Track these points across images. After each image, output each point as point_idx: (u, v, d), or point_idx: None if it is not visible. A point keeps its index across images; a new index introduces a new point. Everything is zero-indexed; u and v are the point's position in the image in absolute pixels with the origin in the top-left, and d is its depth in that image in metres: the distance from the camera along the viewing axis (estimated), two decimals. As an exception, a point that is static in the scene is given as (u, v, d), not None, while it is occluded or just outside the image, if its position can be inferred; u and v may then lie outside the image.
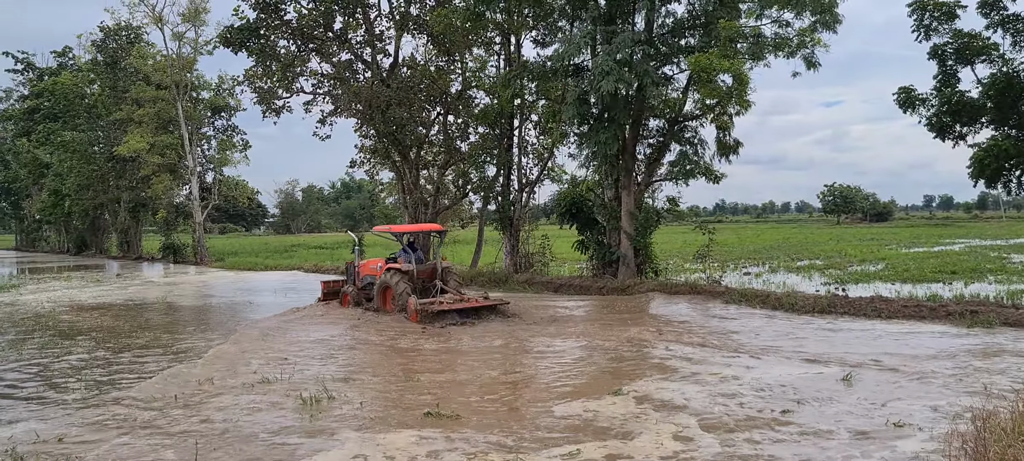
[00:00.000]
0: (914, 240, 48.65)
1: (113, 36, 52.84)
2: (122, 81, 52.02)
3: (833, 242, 48.14)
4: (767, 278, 24.95)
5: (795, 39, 21.39)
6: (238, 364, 12.72)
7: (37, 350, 14.76)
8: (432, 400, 9.87)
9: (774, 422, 8.65)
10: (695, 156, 23.28)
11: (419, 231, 21.83)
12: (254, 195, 66.38)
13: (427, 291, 18.59)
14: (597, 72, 20.90)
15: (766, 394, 9.87)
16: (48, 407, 10.02)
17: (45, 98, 64.65)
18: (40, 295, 26.78)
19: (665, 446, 7.86)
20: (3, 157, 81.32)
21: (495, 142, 28.93)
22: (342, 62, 31.49)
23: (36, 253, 78.55)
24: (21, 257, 69.64)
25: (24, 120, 69.52)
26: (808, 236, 59.32)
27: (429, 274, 18.92)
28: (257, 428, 8.77)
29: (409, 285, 18.22)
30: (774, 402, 9.47)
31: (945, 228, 74.39)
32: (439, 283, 18.66)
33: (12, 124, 75.44)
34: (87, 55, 60.08)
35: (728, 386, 10.36)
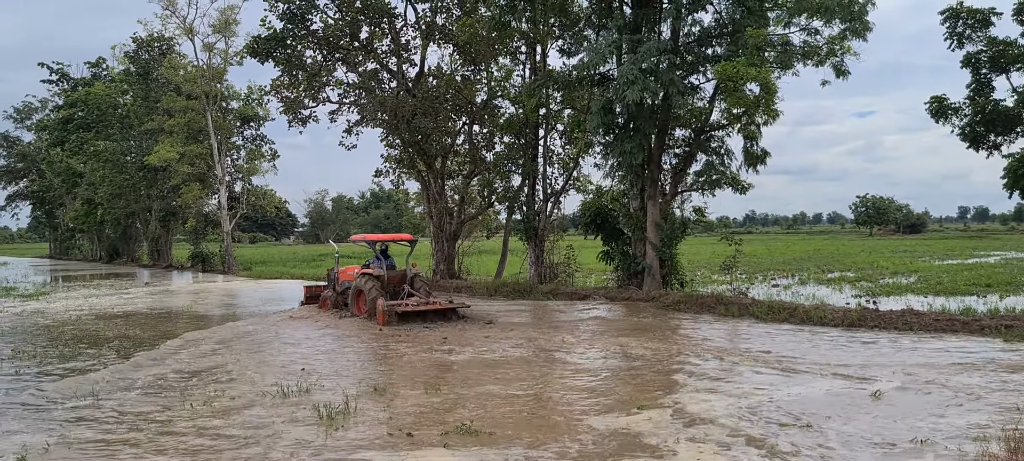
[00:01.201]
0: (948, 252, 47.81)
1: (145, 47, 53.53)
2: (154, 91, 52.62)
3: (865, 254, 47.44)
4: (796, 290, 24.55)
5: (824, 47, 21.05)
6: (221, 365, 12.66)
7: (59, 359, 14.80)
8: (459, 414, 9.69)
9: (801, 439, 8.37)
10: (722, 166, 22.95)
11: (393, 240, 23.04)
12: (282, 204, 66.81)
13: (397, 295, 19.89)
14: (622, 81, 20.68)
15: (794, 409, 9.59)
16: (35, 418, 9.99)
17: (79, 108, 65.55)
18: (69, 302, 27.00)
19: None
20: (38, 166, 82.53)
21: (520, 152, 28.79)
22: (368, 71, 31.57)
23: (69, 261, 79.56)
24: (54, 265, 70.56)
25: (58, 130, 70.54)
26: (839, 248, 58.55)
27: (399, 279, 20.32)
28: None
29: (379, 289, 19.42)
30: (801, 417, 9.18)
31: (980, 240, 73.13)
32: (407, 287, 20.04)
33: (47, 134, 76.62)
34: (120, 66, 60.90)
35: (755, 400, 10.09)
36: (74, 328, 19.62)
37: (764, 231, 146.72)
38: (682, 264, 24.54)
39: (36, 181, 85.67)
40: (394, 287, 20.11)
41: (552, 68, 27.12)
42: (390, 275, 20.19)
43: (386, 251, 21.56)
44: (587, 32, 25.12)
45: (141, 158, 54.55)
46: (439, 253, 32.08)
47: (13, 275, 48.89)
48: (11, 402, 10.84)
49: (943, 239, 79.82)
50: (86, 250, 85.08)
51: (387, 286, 19.83)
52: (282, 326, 19.31)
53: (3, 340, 17.37)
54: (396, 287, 20.16)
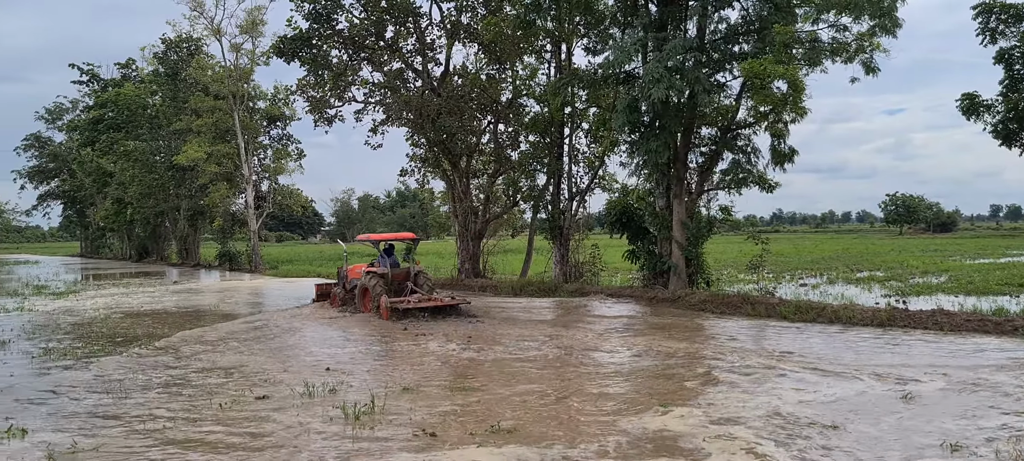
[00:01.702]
0: (979, 251, 47.12)
1: (174, 48, 54.06)
2: (182, 92, 53.13)
3: (894, 253, 46.90)
4: (824, 289, 24.30)
5: (853, 44, 20.81)
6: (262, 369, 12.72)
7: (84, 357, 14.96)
8: (489, 413, 9.67)
9: (829, 440, 8.26)
10: (749, 164, 22.73)
11: (397, 239, 24.18)
12: (308, 204, 67.18)
13: (401, 292, 20.58)
14: (648, 79, 20.56)
15: (822, 410, 9.47)
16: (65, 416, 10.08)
17: (109, 108, 66.30)
18: (99, 300, 27.32)
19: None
20: (69, 166, 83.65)
21: (545, 150, 28.75)
22: (393, 71, 31.66)
23: (100, 260, 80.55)
24: (85, 263, 71.45)
25: (89, 130, 71.38)
26: (868, 247, 57.92)
27: (403, 277, 21.10)
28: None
29: (383, 286, 20.24)
30: (830, 419, 9.06)
31: (1013, 239, 72.02)
32: (410, 284, 20.77)
33: (77, 134, 77.61)
34: (149, 67, 61.57)
35: (783, 401, 9.97)
36: (103, 326, 19.84)
37: (792, 230, 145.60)
38: (708, 263, 24.37)
39: (67, 181, 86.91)
40: (398, 284, 20.87)
41: (577, 66, 27.06)
42: (394, 273, 21.00)
43: (390, 250, 22.31)
44: (612, 30, 25.00)
45: (170, 158, 55.10)
46: (464, 252, 32.09)
47: (45, 273, 49.58)
48: (38, 399, 10.95)
49: (974, 238, 78.72)
50: (116, 249, 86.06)
51: (391, 283, 20.66)
52: (296, 322, 20.06)
53: (33, 337, 17.59)
54: (400, 284, 20.90)
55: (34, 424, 9.35)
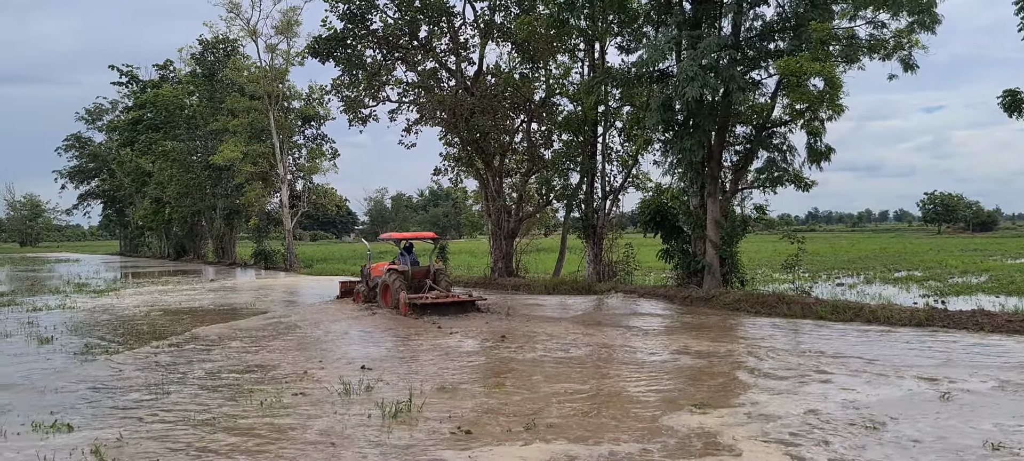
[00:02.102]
0: (1021, 251, 46.24)
1: (211, 49, 54.66)
2: (218, 92, 53.70)
3: (933, 252, 46.18)
4: (861, 289, 24.01)
5: (891, 40, 20.53)
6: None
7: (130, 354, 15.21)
8: (529, 411, 9.71)
9: (868, 440, 8.18)
10: (784, 163, 22.48)
11: (417, 238, 24.96)
12: (342, 203, 67.64)
13: (420, 289, 21.50)
14: (682, 78, 20.44)
15: (860, 410, 9.38)
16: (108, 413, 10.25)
17: (147, 109, 67.21)
18: (138, 298, 27.74)
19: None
20: (108, 166, 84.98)
21: (579, 149, 28.68)
22: (427, 70, 31.80)
23: (138, 258, 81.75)
24: (125, 262, 72.57)
25: (128, 130, 72.43)
26: (906, 246, 57.09)
27: (423, 275, 21.94)
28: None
29: (404, 284, 21.07)
30: (868, 418, 8.97)
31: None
32: (429, 282, 21.62)
33: (117, 134, 78.82)
34: (187, 68, 62.37)
35: (821, 401, 9.90)
36: (143, 323, 20.16)
37: (828, 229, 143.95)
38: (743, 263, 24.18)
39: (107, 180, 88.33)
40: (417, 281, 21.68)
41: (611, 65, 26.96)
42: (414, 271, 21.84)
43: (410, 248, 23.28)
44: (646, 29, 24.89)
45: (206, 157, 55.76)
46: (497, 251, 32.14)
47: (85, 272, 50.45)
48: (81, 394, 11.15)
49: (1016, 237, 77.23)
50: (154, 248, 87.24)
51: (411, 281, 21.46)
52: (323, 318, 20.88)
53: (75, 334, 17.92)
54: (419, 281, 21.71)
55: (79, 419, 9.54)
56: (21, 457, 7.95)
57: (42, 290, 32.56)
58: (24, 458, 7.91)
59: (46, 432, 8.91)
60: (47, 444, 8.39)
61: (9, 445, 8.41)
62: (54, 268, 57.82)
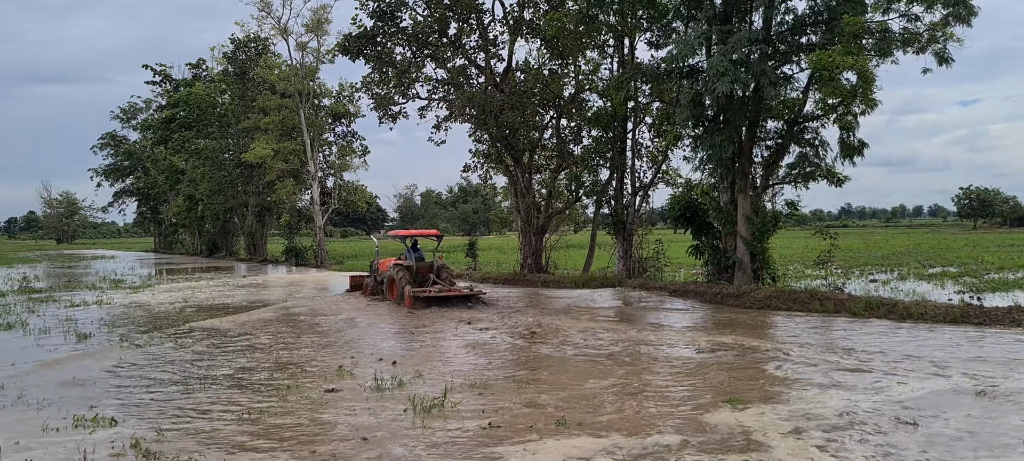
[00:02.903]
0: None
1: (242, 48, 55.18)
2: (250, 90, 54.20)
3: (969, 248, 45.50)
4: (895, 285, 23.74)
5: (925, 34, 20.26)
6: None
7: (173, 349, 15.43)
8: (554, 407, 9.74)
9: (906, 438, 8.11)
10: (816, 158, 22.28)
11: (422, 236, 26.01)
12: (372, 200, 68.01)
13: (424, 283, 22.57)
14: (712, 73, 20.33)
15: (897, 407, 9.31)
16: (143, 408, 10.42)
17: (180, 108, 68.11)
18: (172, 294, 28.12)
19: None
20: (143, 164, 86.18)
21: (608, 145, 28.63)
22: (456, 67, 31.92)
23: (172, 255, 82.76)
24: (159, 259, 73.50)
25: (161, 129, 73.46)
26: (941, 242, 56.29)
27: (427, 270, 23.04)
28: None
29: (409, 278, 22.25)
30: (904, 416, 8.90)
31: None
32: (433, 276, 22.75)
33: (151, 133, 79.95)
34: (219, 66, 63.02)
35: (856, 397, 9.82)
36: (177, 319, 20.44)
37: (861, 224, 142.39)
38: (774, 259, 24.00)
39: (141, 178, 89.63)
40: (422, 276, 22.78)
41: (640, 61, 26.90)
42: (419, 266, 22.97)
43: (416, 245, 24.36)
44: (676, 24, 24.77)
45: (238, 155, 56.35)
46: (526, 247, 32.18)
47: (121, 268, 51.22)
48: (117, 389, 11.34)
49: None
50: (188, 245, 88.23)
51: (416, 275, 22.62)
52: (334, 308, 22.46)
53: (112, 329, 18.20)
54: (424, 276, 22.81)
55: (118, 413, 9.70)
56: (63, 451, 8.11)
57: (79, 287, 33.11)
58: (66, 452, 8.07)
59: (87, 426, 9.08)
60: (89, 439, 8.55)
61: (51, 439, 8.58)
62: (90, 265, 58.71)
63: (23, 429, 9.00)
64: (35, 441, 8.48)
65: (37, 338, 16.77)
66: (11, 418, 9.61)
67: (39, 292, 29.70)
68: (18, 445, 8.34)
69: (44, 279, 39.21)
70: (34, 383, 11.72)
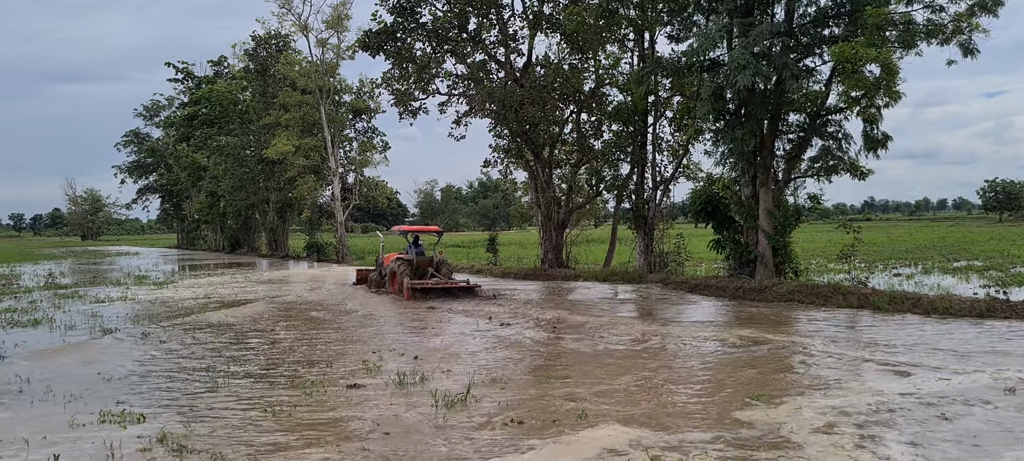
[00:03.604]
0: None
1: (263, 45, 55.50)
2: (271, 87, 54.52)
3: (994, 242, 44.97)
4: (919, 279, 23.53)
5: (950, 25, 20.05)
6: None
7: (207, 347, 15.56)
8: (578, 401, 9.73)
9: (935, 434, 8.04)
10: (839, 151, 22.11)
11: (423, 231, 27.37)
12: (393, 195, 68.30)
13: (424, 276, 23.87)
14: (733, 66, 20.20)
15: (927, 402, 9.23)
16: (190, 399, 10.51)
17: (202, 105, 68.62)
18: (195, 290, 28.33)
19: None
20: (166, 161, 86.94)
21: (629, 140, 28.53)
22: (476, 63, 31.93)
23: (195, 251, 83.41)
24: (182, 255, 74.11)
25: (184, 126, 74.04)
26: (966, 235, 55.68)
27: (427, 264, 24.50)
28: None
29: (409, 271, 23.59)
30: (935, 411, 8.82)
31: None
32: (431, 270, 24.18)
33: (173, 130, 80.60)
34: (240, 63, 63.44)
35: (886, 393, 9.74)
36: (200, 314, 20.58)
37: (884, 218, 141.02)
38: (797, 253, 23.85)
39: (164, 175, 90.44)
40: (422, 270, 24.15)
41: (660, 55, 26.78)
42: (419, 260, 24.46)
43: (417, 240, 25.93)
44: (696, 17, 24.63)
45: (259, 152, 56.70)
46: (547, 242, 32.18)
47: (145, 265, 51.68)
48: (142, 384, 11.45)
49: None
50: (210, 241, 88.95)
51: (416, 269, 23.97)
52: (346, 302, 23.06)
53: (136, 325, 18.37)
54: (423, 270, 24.18)
55: (144, 409, 9.78)
56: (90, 446, 8.19)
57: (104, 282, 33.45)
58: (93, 447, 8.15)
59: (114, 421, 9.17)
60: (116, 434, 8.62)
61: (78, 434, 8.67)
62: (115, 261, 59.32)
63: (50, 424, 9.10)
64: (62, 436, 8.57)
65: (63, 334, 16.94)
66: (38, 413, 9.72)
67: (65, 288, 30.03)
68: (45, 440, 8.43)
69: (69, 275, 39.65)
70: (61, 378, 11.84)
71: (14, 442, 8.33)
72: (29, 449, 8.07)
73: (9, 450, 8.08)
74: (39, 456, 7.82)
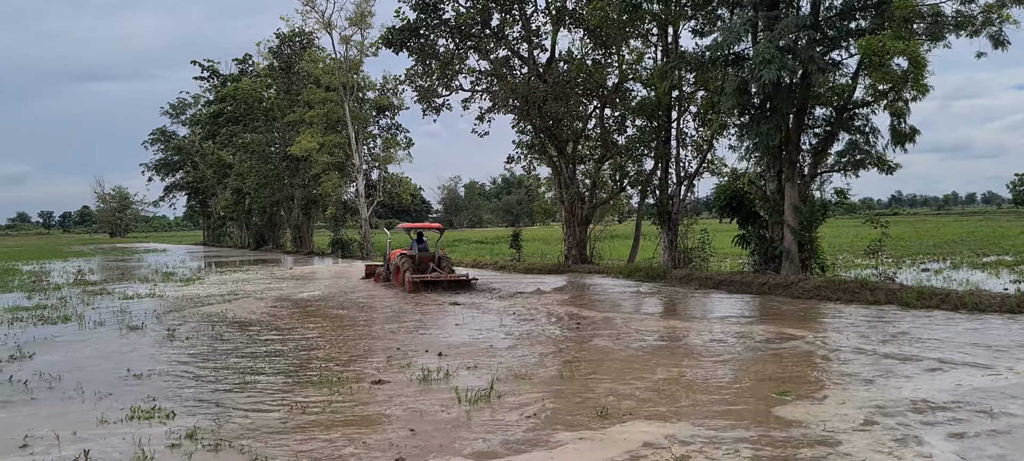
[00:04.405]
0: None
1: (287, 42, 55.84)
2: (295, 84, 54.85)
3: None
4: (948, 275, 23.25)
5: (980, 16, 19.75)
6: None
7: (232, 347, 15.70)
8: (603, 397, 9.72)
9: (982, 429, 7.95)
10: (866, 145, 21.87)
11: (426, 228, 28.71)
12: (417, 191, 68.53)
13: (425, 270, 25.43)
14: (758, 60, 20.02)
15: (967, 398, 9.13)
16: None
17: (228, 103, 69.15)
18: (222, 287, 28.57)
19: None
20: (192, 158, 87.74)
21: (652, 135, 28.40)
22: (499, 58, 31.92)
23: (221, 248, 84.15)
24: (208, 251, 74.79)
25: (209, 124, 74.67)
26: (995, 230, 54.93)
27: (428, 259, 25.95)
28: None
29: (412, 266, 25.12)
30: (976, 407, 8.72)
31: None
32: (432, 265, 25.68)
33: (199, 128, 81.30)
34: (264, 61, 63.88)
35: (923, 388, 9.65)
36: (227, 311, 20.75)
37: (912, 213, 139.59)
38: (823, 248, 23.65)
39: (190, 173, 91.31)
40: (424, 265, 25.64)
41: (684, 49, 26.63)
42: (422, 256, 25.89)
43: (421, 237, 27.22)
44: (721, 11, 24.45)
45: (284, 149, 57.08)
46: (570, 238, 32.13)
47: (172, 261, 52.22)
48: (169, 381, 11.56)
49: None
50: (235, 238, 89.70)
51: (418, 264, 25.44)
52: (357, 297, 23.48)
53: (164, 322, 18.55)
54: (425, 265, 25.67)
55: (173, 404, 9.88)
56: (120, 442, 8.28)
57: (132, 279, 33.83)
58: (123, 443, 8.23)
59: (143, 417, 9.26)
60: (145, 430, 8.71)
61: (108, 430, 8.77)
62: (142, 258, 59.98)
63: (80, 420, 9.19)
64: (92, 432, 8.67)
65: (92, 331, 17.15)
66: (68, 409, 9.84)
67: (93, 285, 30.40)
68: (75, 435, 8.53)
69: (98, 272, 40.16)
70: (90, 374, 11.99)
71: (45, 437, 8.45)
72: (60, 445, 8.17)
73: (40, 446, 8.18)
74: (70, 452, 7.91)
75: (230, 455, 7.76)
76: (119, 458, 7.69)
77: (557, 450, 7.71)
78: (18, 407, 10.02)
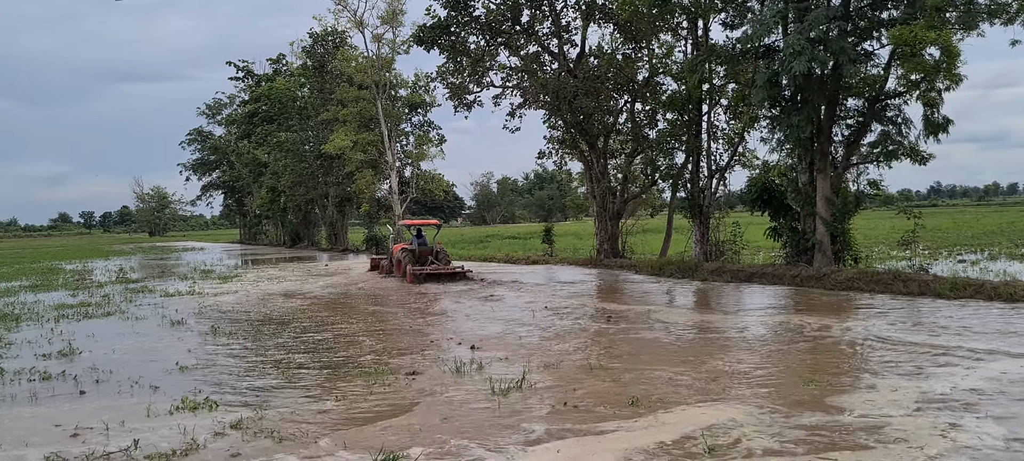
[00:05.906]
0: None
1: (321, 41, 56.34)
2: (328, 83, 55.34)
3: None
4: (985, 265, 23.02)
5: (1014, 3, 19.56)
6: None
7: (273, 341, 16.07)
8: (632, 388, 9.89)
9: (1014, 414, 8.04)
10: (899, 136, 21.74)
11: (425, 224, 31.57)
12: (449, 188, 68.80)
13: (424, 263, 27.29)
14: (788, 52, 20.03)
15: (1007, 388, 9.20)
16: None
17: (262, 102, 69.90)
18: (259, 285, 29.05)
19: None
20: (228, 158, 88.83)
21: (683, 128, 28.40)
22: (530, 54, 32.07)
23: (257, 246, 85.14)
24: (245, 249, 75.76)
25: (245, 123, 75.51)
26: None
27: (427, 252, 27.87)
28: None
29: (412, 259, 27.25)
30: (1017, 396, 8.79)
31: None
32: (431, 257, 27.56)
33: (235, 127, 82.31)
34: (298, 61, 64.49)
35: (968, 378, 9.75)
36: (264, 307, 21.17)
37: (951, 204, 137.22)
38: (857, 240, 23.53)
39: (226, 172, 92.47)
40: (423, 258, 27.53)
41: (714, 42, 26.57)
42: (421, 249, 27.89)
43: (420, 233, 29.49)
44: (751, 3, 24.44)
45: (318, 147, 57.65)
46: (602, 233, 32.23)
47: (210, 259, 53.07)
48: (213, 374, 11.91)
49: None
50: (271, 235, 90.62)
51: (418, 257, 27.42)
52: (363, 288, 24.69)
53: (204, 318, 18.98)
54: (424, 258, 27.56)
55: (218, 396, 10.21)
56: (168, 431, 8.62)
57: (171, 276, 34.52)
58: (170, 432, 8.57)
59: (190, 408, 9.60)
60: (192, 421, 9.04)
61: (156, 421, 9.12)
62: (181, 256, 60.97)
63: (128, 412, 9.54)
64: (141, 423, 9.02)
65: (134, 326, 17.63)
66: (117, 402, 10.21)
67: (135, 282, 31.08)
68: (123, 425, 8.88)
69: (139, 270, 40.97)
70: (133, 368, 12.38)
71: (95, 428, 8.81)
72: (110, 435, 8.52)
73: (91, 436, 8.54)
74: (120, 441, 8.25)
75: (274, 444, 8.06)
76: (168, 447, 8.01)
77: (600, 437, 7.92)
78: (68, 400, 10.42)
